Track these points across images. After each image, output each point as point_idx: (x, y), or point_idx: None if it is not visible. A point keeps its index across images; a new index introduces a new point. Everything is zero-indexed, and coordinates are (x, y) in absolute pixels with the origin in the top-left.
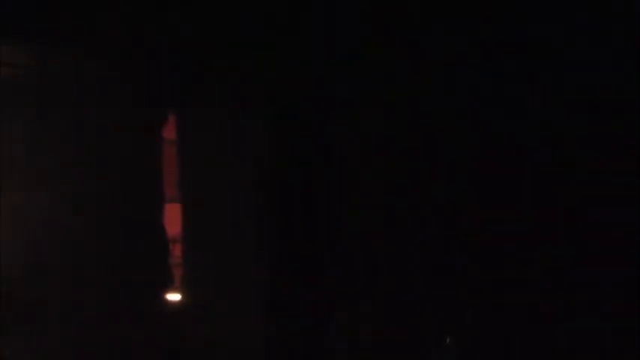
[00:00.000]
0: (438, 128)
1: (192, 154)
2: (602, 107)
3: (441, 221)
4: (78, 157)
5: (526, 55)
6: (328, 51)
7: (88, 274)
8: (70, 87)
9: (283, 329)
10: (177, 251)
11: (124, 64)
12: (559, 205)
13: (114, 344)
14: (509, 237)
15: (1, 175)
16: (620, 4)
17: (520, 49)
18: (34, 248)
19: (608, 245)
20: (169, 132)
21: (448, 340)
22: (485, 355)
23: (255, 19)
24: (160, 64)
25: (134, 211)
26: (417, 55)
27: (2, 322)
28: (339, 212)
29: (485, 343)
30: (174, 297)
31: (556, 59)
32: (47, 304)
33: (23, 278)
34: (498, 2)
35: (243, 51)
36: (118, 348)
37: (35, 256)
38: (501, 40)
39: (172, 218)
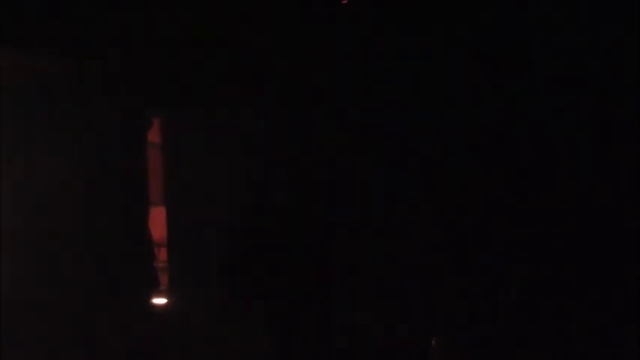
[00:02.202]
0: (429, 129)
1: (178, 157)
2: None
3: (431, 223)
4: (62, 161)
5: (523, 56)
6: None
7: (72, 278)
8: (55, 89)
9: (270, 332)
10: (162, 255)
11: (108, 66)
12: (552, 204)
13: (99, 348)
14: (502, 238)
15: None
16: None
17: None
18: (18, 250)
19: (607, 245)
20: (154, 135)
21: (434, 342)
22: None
23: (243, 19)
24: (145, 65)
25: (119, 214)
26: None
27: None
28: (329, 210)
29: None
30: (159, 301)
31: (555, 59)
32: (31, 306)
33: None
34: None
35: (231, 52)
36: (103, 351)
37: (19, 258)
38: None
39: (157, 222)
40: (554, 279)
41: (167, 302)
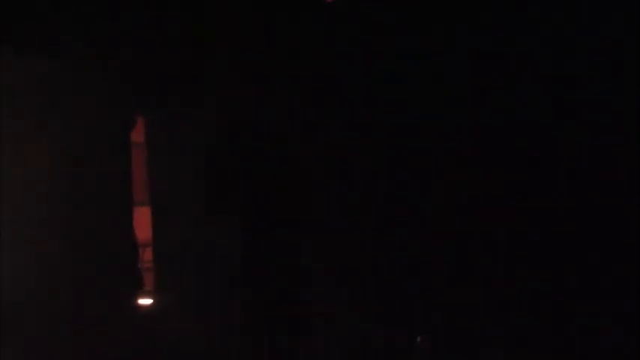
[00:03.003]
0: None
1: (162, 157)
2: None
3: (415, 220)
4: (45, 161)
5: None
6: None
7: (55, 279)
8: (37, 90)
9: (256, 332)
10: (147, 255)
11: (92, 67)
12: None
13: (83, 350)
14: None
15: None
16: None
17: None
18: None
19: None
20: (138, 134)
21: (419, 340)
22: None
23: (223, 24)
24: (129, 66)
25: (103, 214)
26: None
27: None
28: (307, 211)
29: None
30: (145, 301)
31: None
32: (14, 309)
33: None
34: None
35: (217, 53)
36: (88, 352)
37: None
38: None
39: (142, 222)
40: (545, 279)
41: (152, 303)
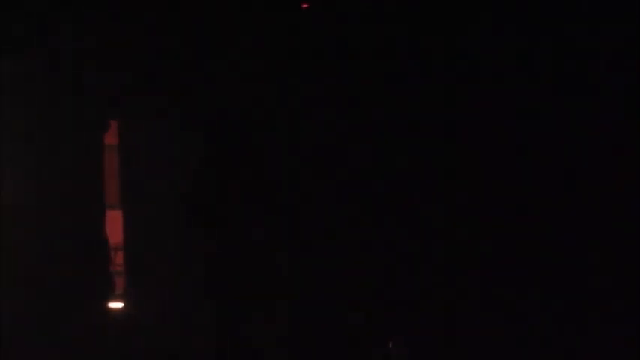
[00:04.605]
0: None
1: (134, 160)
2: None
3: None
4: (18, 163)
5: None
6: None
7: (28, 282)
8: (10, 92)
9: (224, 333)
10: (119, 259)
11: (67, 70)
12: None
13: (55, 353)
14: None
15: None
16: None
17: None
18: None
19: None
20: (110, 138)
21: (391, 346)
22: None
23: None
24: (104, 71)
25: (75, 218)
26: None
27: None
28: (284, 211)
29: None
30: (116, 304)
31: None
32: None
33: None
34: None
35: (185, 61)
36: (60, 354)
37: None
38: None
39: (114, 225)
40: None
41: (123, 306)
